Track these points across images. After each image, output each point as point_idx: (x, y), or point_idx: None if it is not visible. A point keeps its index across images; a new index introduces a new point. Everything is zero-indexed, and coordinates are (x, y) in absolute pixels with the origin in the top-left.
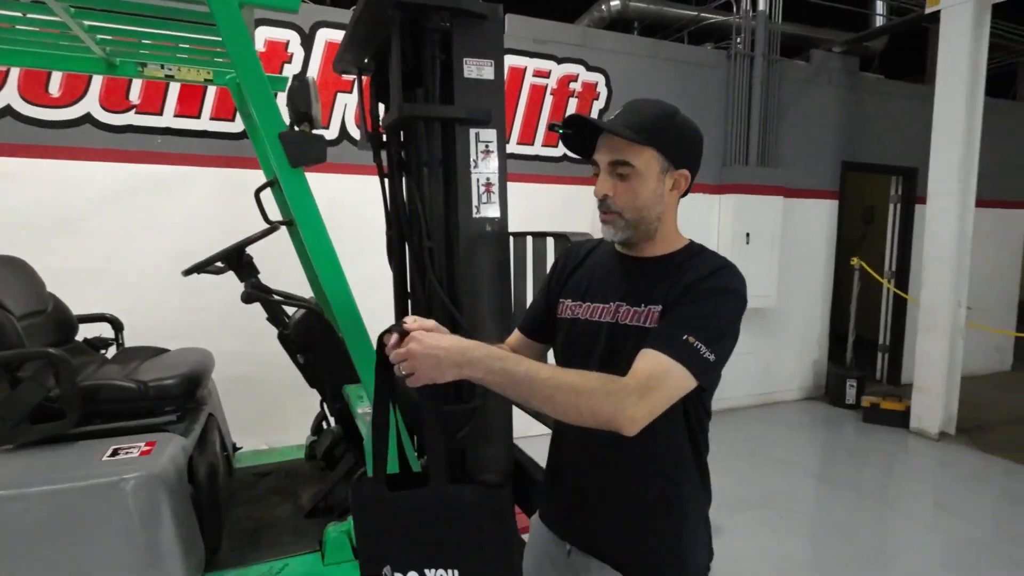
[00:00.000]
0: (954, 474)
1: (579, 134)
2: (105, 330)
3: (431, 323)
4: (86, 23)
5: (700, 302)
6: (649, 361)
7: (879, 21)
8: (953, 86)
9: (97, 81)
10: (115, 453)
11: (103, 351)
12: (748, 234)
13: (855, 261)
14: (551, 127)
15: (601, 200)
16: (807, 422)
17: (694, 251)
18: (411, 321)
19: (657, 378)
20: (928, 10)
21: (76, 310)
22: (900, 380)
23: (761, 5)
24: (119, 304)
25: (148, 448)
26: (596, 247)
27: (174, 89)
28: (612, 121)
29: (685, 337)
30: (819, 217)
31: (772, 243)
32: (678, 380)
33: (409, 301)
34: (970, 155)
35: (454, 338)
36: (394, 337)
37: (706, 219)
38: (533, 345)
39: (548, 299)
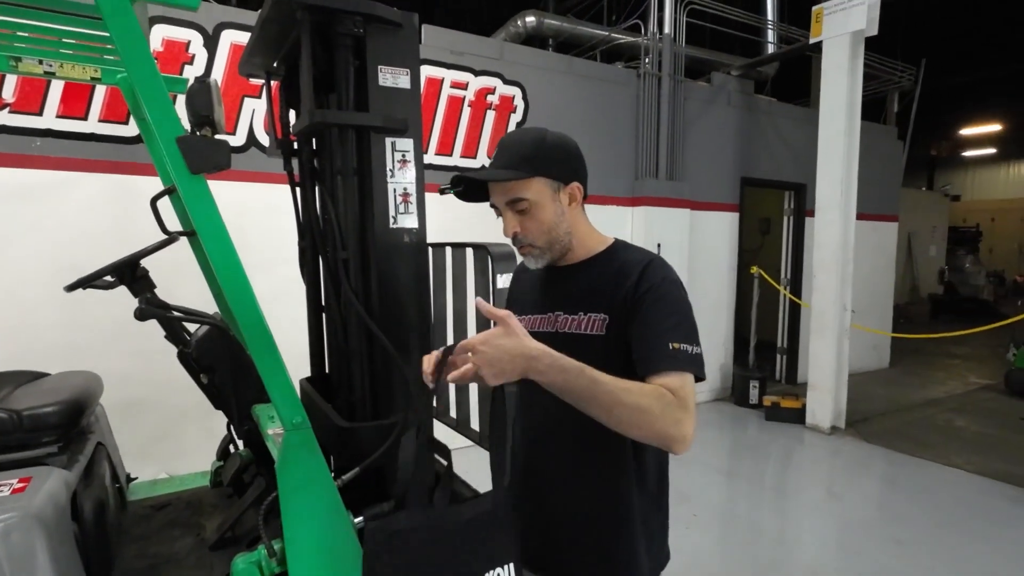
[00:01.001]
0: (844, 464)
1: (471, 186)
2: None
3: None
4: None
5: (657, 305)
6: (671, 380)
7: (770, 48)
8: (834, 109)
9: None
10: None
11: None
12: (659, 244)
13: (754, 269)
14: (442, 191)
15: (512, 238)
16: (715, 422)
17: (616, 250)
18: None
19: (685, 392)
20: (811, 41)
21: None
22: (797, 379)
23: (667, 28)
24: None
25: (22, 485)
26: None
27: (56, 87)
28: (492, 167)
29: (672, 347)
30: (721, 228)
31: (681, 252)
32: (692, 387)
33: (324, 314)
34: (850, 173)
35: (516, 344)
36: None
37: (620, 230)
38: None
39: None
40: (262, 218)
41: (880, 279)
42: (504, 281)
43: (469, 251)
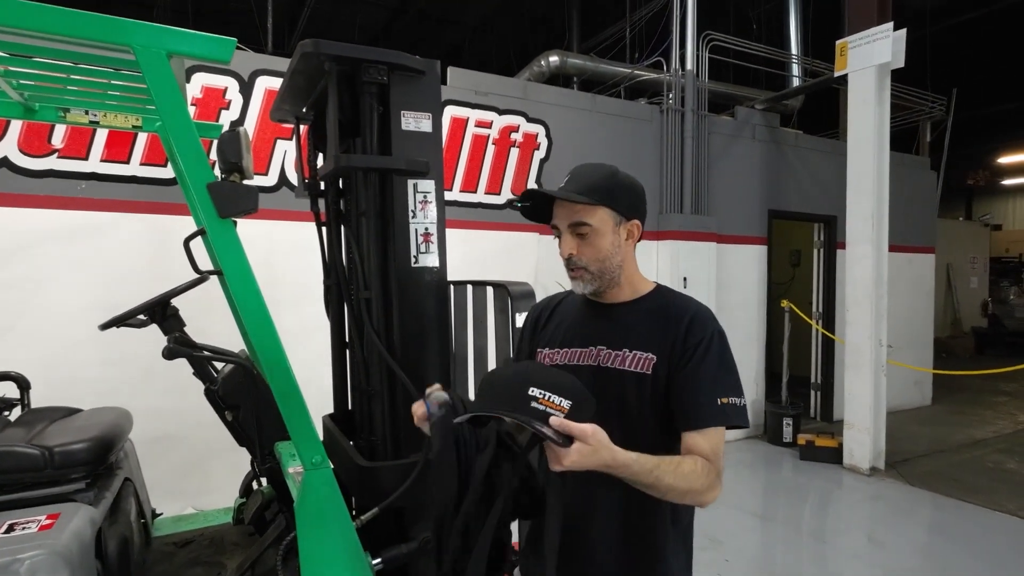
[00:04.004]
0: (885, 508)
1: (536, 204)
2: (10, 389)
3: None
4: (2, 68)
5: (707, 360)
6: (710, 440)
7: (795, 82)
8: (862, 142)
9: (16, 123)
10: (11, 529)
11: (6, 413)
12: (685, 278)
13: (785, 303)
14: (509, 203)
15: (567, 259)
16: (748, 461)
17: (662, 294)
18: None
19: (719, 454)
20: (837, 74)
21: None
22: (832, 417)
23: (689, 64)
24: (27, 360)
25: (50, 522)
26: (565, 298)
27: (102, 133)
28: (564, 189)
29: (720, 402)
30: (750, 261)
31: (708, 287)
32: (723, 439)
33: (347, 351)
34: (881, 204)
35: (601, 459)
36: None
37: (645, 265)
38: None
39: (528, 356)
40: (292, 255)
41: (918, 312)
42: (522, 320)
43: (489, 289)
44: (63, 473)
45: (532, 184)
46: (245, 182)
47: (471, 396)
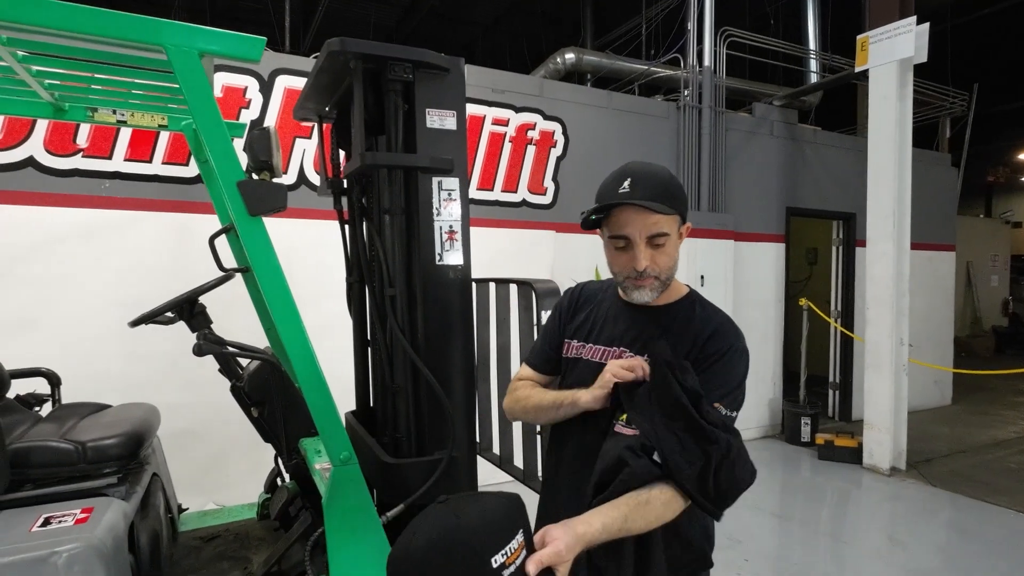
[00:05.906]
0: (906, 509)
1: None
2: (40, 385)
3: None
4: (34, 68)
5: (716, 367)
6: None
7: (813, 78)
8: (883, 139)
9: (42, 123)
10: (47, 522)
11: (37, 408)
12: (702, 276)
13: (803, 301)
14: (584, 217)
15: (641, 271)
16: (765, 460)
17: (693, 300)
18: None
19: None
20: (857, 69)
21: (8, 364)
22: (851, 416)
23: (707, 61)
24: (50, 356)
25: (84, 516)
26: (601, 289)
27: (125, 133)
28: (636, 196)
29: (715, 406)
30: (767, 259)
31: (725, 284)
32: None
33: (369, 349)
34: (902, 201)
35: (579, 548)
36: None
37: None
38: (545, 378)
39: (555, 339)
40: (309, 253)
41: (938, 311)
42: (547, 317)
43: (513, 287)
44: (95, 468)
45: (549, 181)
46: (274, 180)
47: (494, 397)
